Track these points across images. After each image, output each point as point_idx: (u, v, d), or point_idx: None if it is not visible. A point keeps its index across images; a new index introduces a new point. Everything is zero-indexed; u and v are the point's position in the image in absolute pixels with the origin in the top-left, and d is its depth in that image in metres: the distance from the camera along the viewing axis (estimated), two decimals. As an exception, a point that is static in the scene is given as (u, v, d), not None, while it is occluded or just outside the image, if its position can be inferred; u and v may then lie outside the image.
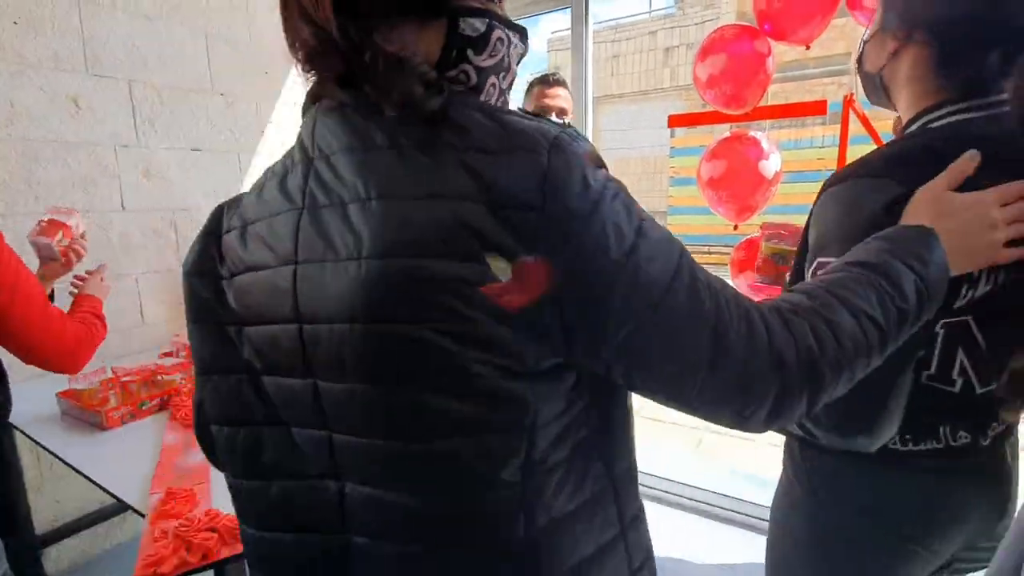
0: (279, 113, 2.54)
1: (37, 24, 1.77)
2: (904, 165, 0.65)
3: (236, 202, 0.55)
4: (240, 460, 0.53)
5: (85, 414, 1.43)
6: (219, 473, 1.09)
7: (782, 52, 1.72)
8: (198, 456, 1.19)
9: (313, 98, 0.51)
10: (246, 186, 2.43)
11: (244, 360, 0.51)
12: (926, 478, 0.75)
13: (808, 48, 1.60)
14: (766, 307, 0.48)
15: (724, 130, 2.05)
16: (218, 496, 1.03)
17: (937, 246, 0.57)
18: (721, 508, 2.21)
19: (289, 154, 0.52)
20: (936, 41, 0.68)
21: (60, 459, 1.27)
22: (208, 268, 0.54)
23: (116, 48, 1.96)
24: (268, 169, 0.54)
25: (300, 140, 0.51)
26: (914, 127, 0.72)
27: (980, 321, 0.68)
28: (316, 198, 0.47)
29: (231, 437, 0.53)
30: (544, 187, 0.40)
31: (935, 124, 0.70)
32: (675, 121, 2.07)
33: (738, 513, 2.17)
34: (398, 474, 0.45)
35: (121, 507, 1.94)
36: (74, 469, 1.23)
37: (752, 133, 1.73)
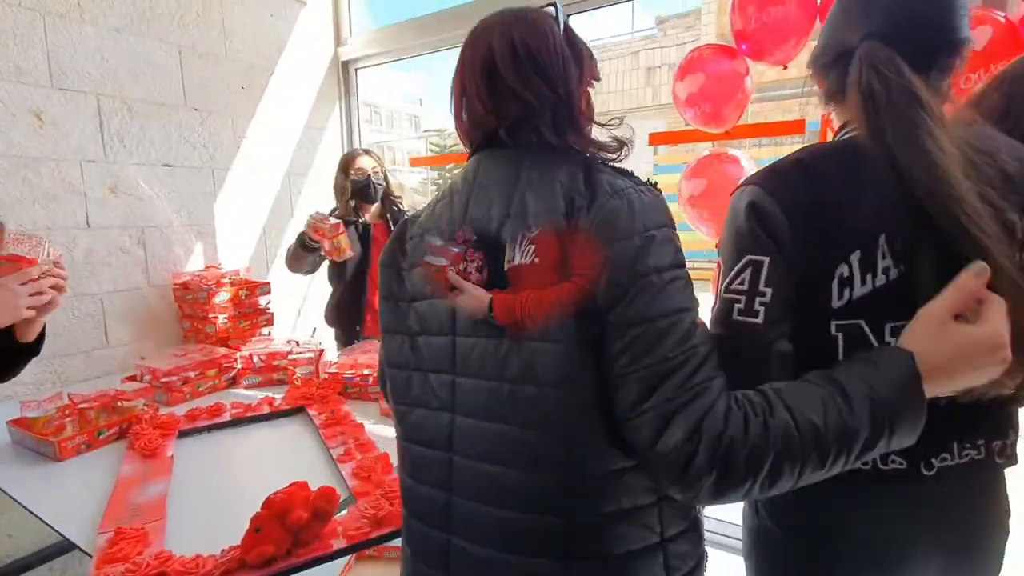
0: (255, 130, 2.49)
1: (-1, 36, 1.71)
2: (773, 175, 0.72)
3: (416, 216, 0.81)
4: (398, 392, 0.78)
5: (38, 444, 1.35)
6: (175, 511, 1.05)
7: (760, 72, 1.72)
8: (155, 489, 1.12)
9: (480, 146, 0.76)
10: (220, 202, 2.38)
11: (408, 325, 0.76)
12: (852, 502, 0.72)
13: (785, 68, 1.61)
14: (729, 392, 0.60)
15: (706, 148, 2.05)
16: (172, 535, 0.97)
17: (909, 375, 0.58)
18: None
19: (453, 184, 0.77)
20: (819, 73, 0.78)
21: (6, 494, 1.19)
22: (394, 261, 0.79)
23: (83, 61, 1.90)
24: (437, 194, 0.80)
25: (465, 173, 0.75)
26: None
27: (874, 325, 0.66)
28: (473, 214, 0.72)
29: (395, 376, 0.78)
30: (603, 216, 0.62)
31: (841, 140, 0.75)
32: (656, 139, 2.07)
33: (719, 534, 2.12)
34: (497, 409, 0.66)
35: (62, 548, 1.84)
36: (21, 505, 1.15)
37: (731, 151, 1.73)
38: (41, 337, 1.19)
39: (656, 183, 0.70)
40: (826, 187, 0.68)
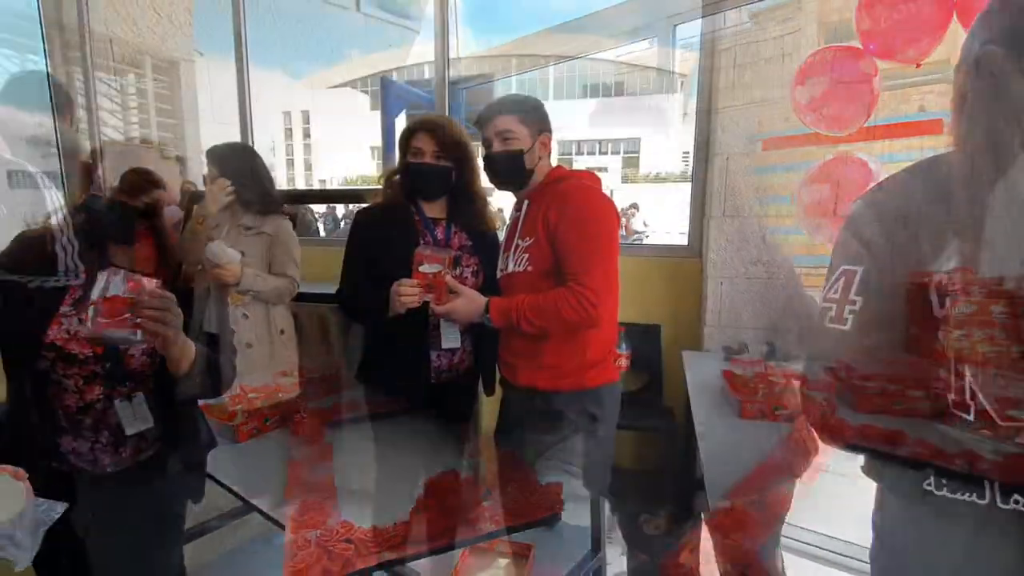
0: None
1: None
2: (882, 185, 0.75)
3: None
4: None
5: (220, 427, 1.57)
6: (345, 488, 1.19)
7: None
8: (322, 469, 1.29)
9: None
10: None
11: None
12: (966, 536, 0.64)
13: (919, 67, 1.53)
14: None
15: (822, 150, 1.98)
16: (345, 510, 1.11)
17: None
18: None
19: None
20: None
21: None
22: None
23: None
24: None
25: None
26: None
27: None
28: None
29: None
30: None
31: None
32: (768, 145, 2.03)
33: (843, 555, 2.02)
34: None
35: (237, 513, 2.09)
36: (213, 479, 1.36)
37: (858, 155, 1.67)
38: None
39: None
40: (932, 194, 0.67)
